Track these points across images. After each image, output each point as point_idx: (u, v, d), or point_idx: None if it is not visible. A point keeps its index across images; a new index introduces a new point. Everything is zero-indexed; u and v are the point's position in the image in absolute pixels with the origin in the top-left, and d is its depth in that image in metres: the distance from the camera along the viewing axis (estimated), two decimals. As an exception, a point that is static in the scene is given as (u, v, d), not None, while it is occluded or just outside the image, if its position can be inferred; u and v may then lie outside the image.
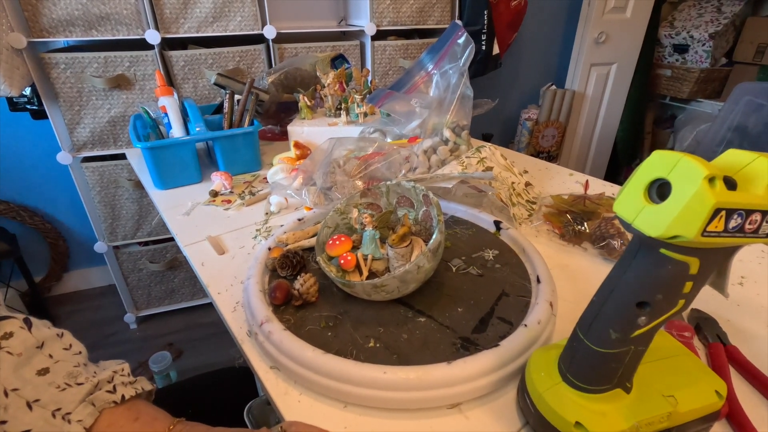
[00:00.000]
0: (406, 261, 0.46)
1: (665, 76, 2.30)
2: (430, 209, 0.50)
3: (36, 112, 1.33)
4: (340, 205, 0.50)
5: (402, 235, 0.46)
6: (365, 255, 0.47)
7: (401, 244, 0.46)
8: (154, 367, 1.35)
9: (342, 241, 0.47)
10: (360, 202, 0.51)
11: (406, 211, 0.52)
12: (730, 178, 0.24)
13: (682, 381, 0.33)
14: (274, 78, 1.06)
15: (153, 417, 0.35)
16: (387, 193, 0.52)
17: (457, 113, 0.72)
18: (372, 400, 0.37)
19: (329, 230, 0.50)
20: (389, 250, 0.47)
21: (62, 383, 0.33)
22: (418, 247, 0.47)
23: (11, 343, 0.32)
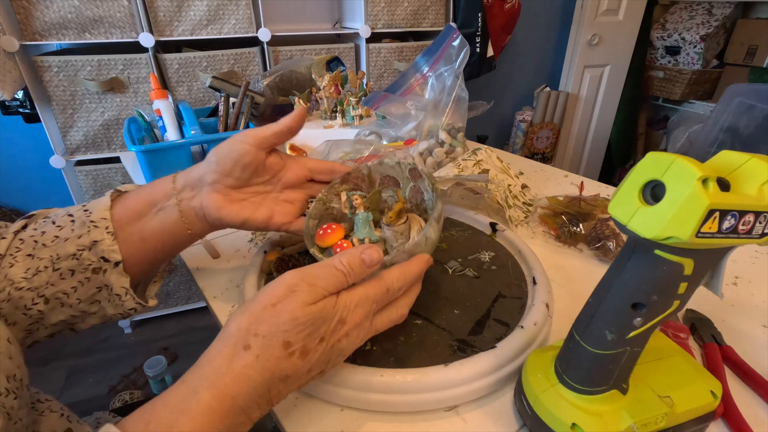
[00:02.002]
0: (406, 238, 0.43)
1: (658, 77, 2.32)
2: (420, 183, 0.46)
3: (28, 115, 1.32)
4: (321, 194, 0.46)
5: (399, 210, 0.42)
6: (361, 240, 0.43)
7: (398, 221, 0.43)
8: (149, 372, 1.34)
9: (333, 229, 0.43)
10: (341, 188, 0.47)
11: (393, 191, 0.48)
12: (724, 180, 0.24)
13: (678, 381, 0.34)
14: (270, 81, 1.06)
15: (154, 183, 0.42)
16: (368, 175, 0.48)
17: (452, 115, 0.72)
18: (369, 403, 0.37)
19: (315, 222, 0.46)
20: (386, 230, 0.43)
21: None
22: (416, 222, 0.44)
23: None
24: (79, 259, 0.37)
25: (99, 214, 0.38)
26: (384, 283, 0.33)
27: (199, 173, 0.41)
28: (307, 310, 0.29)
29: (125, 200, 0.40)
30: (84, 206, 0.40)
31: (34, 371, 1.48)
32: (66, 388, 1.42)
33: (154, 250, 0.41)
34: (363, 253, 0.32)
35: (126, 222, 0.39)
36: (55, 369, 1.48)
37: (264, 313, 0.29)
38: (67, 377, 1.46)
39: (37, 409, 0.39)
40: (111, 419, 0.49)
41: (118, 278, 0.39)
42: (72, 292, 0.38)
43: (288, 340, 0.29)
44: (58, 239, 0.37)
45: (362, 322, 0.33)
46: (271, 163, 0.43)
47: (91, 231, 0.38)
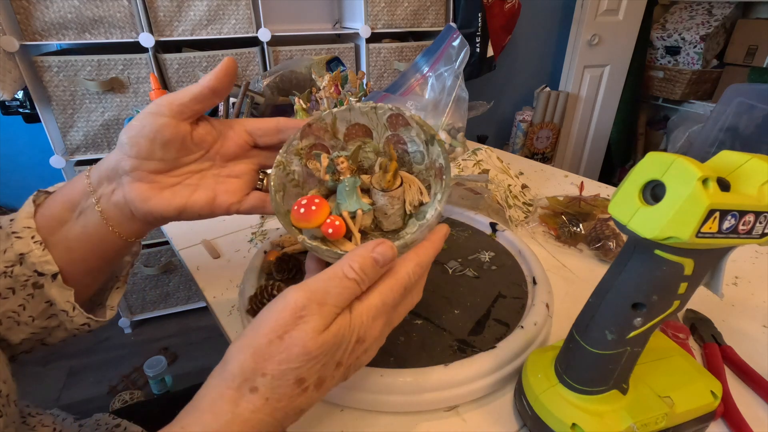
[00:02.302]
0: (402, 203, 0.36)
1: (658, 77, 2.32)
2: (403, 132, 0.37)
3: (28, 115, 1.32)
4: (280, 157, 0.36)
5: (395, 171, 0.35)
6: (352, 212, 0.34)
7: (395, 185, 0.35)
8: (149, 372, 1.34)
9: (318, 203, 0.33)
10: (302, 146, 0.37)
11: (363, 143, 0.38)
12: (724, 180, 0.24)
13: (678, 381, 0.34)
14: (270, 81, 1.06)
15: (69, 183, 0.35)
16: (333, 124, 0.37)
17: (452, 115, 0.72)
18: (369, 404, 0.37)
19: (281, 194, 0.35)
20: (378, 196, 0.35)
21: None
22: (411, 183, 0.36)
23: None
24: (12, 276, 0.33)
25: (21, 222, 0.33)
26: (401, 283, 0.29)
27: (112, 161, 0.33)
28: (320, 340, 0.25)
29: (46, 206, 0.34)
30: (13, 214, 0.35)
31: (34, 371, 1.48)
32: (66, 388, 1.42)
33: (85, 260, 0.35)
34: (374, 252, 0.28)
35: (50, 231, 0.34)
36: (55, 369, 1.48)
37: (271, 349, 0.25)
38: (67, 377, 1.46)
39: (28, 423, 0.37)
40: (111, 421, 0.49)
41: (60, 292, 0.34)
42: (21, 311, 0.34)
43: (301, 377, 0.25)
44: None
45: (383, 331, 0.30)
46: (200, 135, 0.35)
47: (14, 243, 0.32)
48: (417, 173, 0.37)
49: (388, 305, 0.29)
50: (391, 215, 0.36)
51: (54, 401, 1.37)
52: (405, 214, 0.36)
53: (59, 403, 1.36)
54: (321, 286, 0.26)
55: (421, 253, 0.30)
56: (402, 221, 0.36)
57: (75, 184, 0.35)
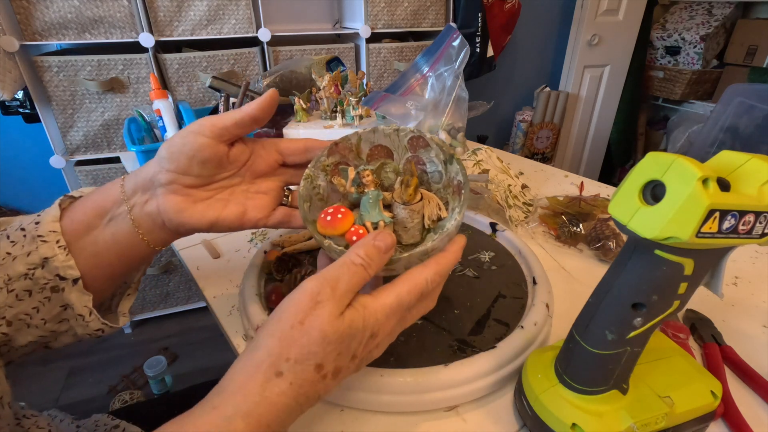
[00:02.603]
0: (421, 217, 0.38)
1: (658, 77, 2.32)
2: (422, 154, 0.39)
3: (28, 115, 1.32)
4: (308, 170, 0.39)
5: (416, 186, 0.37)
6: (374, 223, 0.36)
7: (416, 199, 0.37)
8: (149, 372, 1.34)
9: (343, 213, 0.36)
10: (328, 162, 0.40)
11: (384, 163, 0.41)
12: (724, 180, 0.24)
13: (678, 381, 0.34)
14: (270, 81, 1.06)
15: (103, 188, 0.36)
16: (358, 144, 0.41)
17: (452, 115, 0.72)
18: (369, 404, 0.37)
19: (308, 204, 0.39)
20: (399, 209, 0.37)
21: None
22: (430, 199, 0.38)
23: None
24: (32, 278, 0.33)
25: (47, 226, 0.34)
26: (418, 288, 0.31)
27: (150, 173, 0.35)
28: (336, 326, 0.27)
29: (73, 210, 0.35)
30: (37, 216, 0.35)
31: (33, 371, 1.48)
32: (66, 388, 1.42)
33: (110, 266, 0.36)
34: (376, 240, 0.31)
35: (76, 236, 0.35)
36: (55, 369, 1.48)
37: (293, 333, 0.27)
38: (67, 377, 1.46)
39: (23, 425, 0.37)
40: (110, 422, 0.49)
41: (79, 297, 0.35)
42: (35, 313, 0.35)
43: (320, 363, 0.27)
44: (9, 257, 0.33)
45: (394, 329, 0.32)
46: (235, 154, 0.37)
47: (39, 247, 0.33)
48: (435, 191, 0.39)
49: (402, 306, 0.31)
50: (411, 228, 0.38)
51: (54, 401, 1.37)
52: (423, 228, 0.38)
53: (59, 403, 1.36)
54: (332, 273, 0.29)
55: (441, 262, 0.32)
56: (420, 235, 0.38)
57: (107, 191, 0.36)
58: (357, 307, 0.29)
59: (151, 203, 0.35)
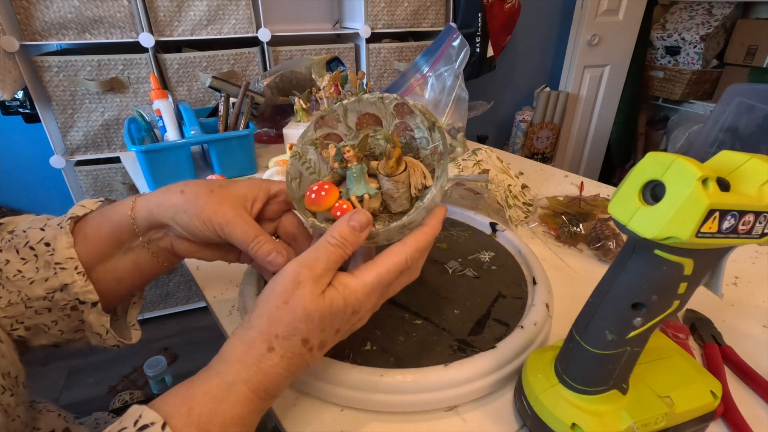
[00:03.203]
0: (407, 187, 0.38)
1: (658, 77, 2.32)
2: (409, 120, 0.39)
3: (28, 115, 1.32)
4: (296, 147, 0.39)
5: (398, 157, 0.37)
6: (359, 197, 0.37)
7: (399, 170, 0.37)
8: (149, 372, 1.34)
9: (327, 189, 0.36)
10: (316, 136, 0.40)
11: (374, 131, 0.41)
12: (724, 180, 0.24)
13: (678, 381, 0.34)
14: (270, 81, 1.06)
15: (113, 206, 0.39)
16: (345, 115, 0.41)
17: (452, 115, 0.72)
18: (369, 403, 0.37)
19: (297, 181, 0.39)
20: (384, 181, 0.37)
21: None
22: (415, 167, 0.38)
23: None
24: (52, 300, 0.36)
25: (63, 254, 0.35)
26: (397, 267, 0.33)
27: (163, 220, 0.37)
28: (318, 304, 0.30)
29: (86, 238, 0.37)
30: (43, 232, 0.36)
31: (33, 371, 1.48)
32: (66, 388, 1.42)
33: (132, 286, 0.40)
34: (350, 220, 0.32)
35: (93, 263, 0.37)
36: (55, 369, 1.48)
37: (278, 312, 0.30)
38: (67, 377, 1.46)
39: (35, 407, 0.39)
40: (111, 420, 0.49)
41: (98, 318, 0.38)
42: (53, 325, 0.37)
43: (305, 338, 0.30)
44: (20, 275, 0.35)
45: (376, 303, 0.34)
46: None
47: (58, 273, 0.35)
48: (423, 158, 0.40)
49: (383, 284, 0.33)
50: (398, 198, 0.38)
51: (54, 401, 1.36)
52: (411, 197, 0.38)
53: (59, 403, 1.36)
54: (311, 254, 0.31)
55: (420, 238, 0.34)
56: (409, 204, 0.38)
57: (119, 222, 0.37)
58: (337, 286, 0.31)
59: (165, 240, 0.39)
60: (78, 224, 0.37)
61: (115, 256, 0.38)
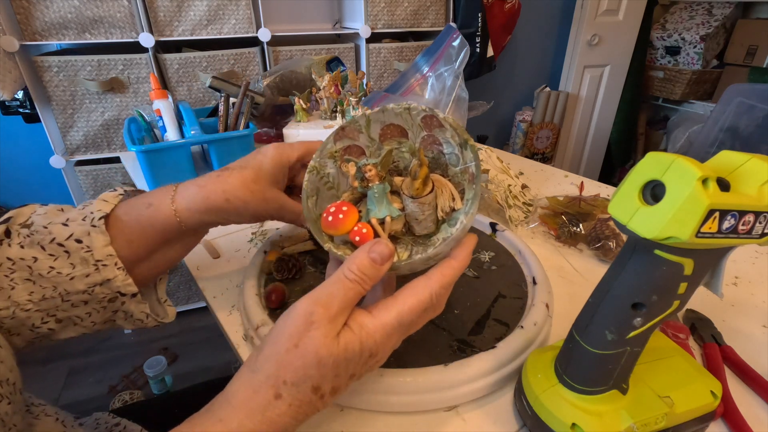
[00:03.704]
0: (433, 209, 0.35)
1: (658, 77, 2.32)
2: (438, 133, 0.36)
3: (28, 115, 1.32)
4: (313, 161, 0.37)
5: (425, 177, 0.33)
6: (381, 219, 0.34)
7: (425, 191, 0.34)
8: (149, 372, 1.34)
9: (345, 211, 0.33)
10: (336, 148, 0.37)
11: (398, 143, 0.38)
12: (724, 180, 0.24)
13: (678, 381, 0.34)
14: (270, 81, 1.06)
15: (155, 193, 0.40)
16: (367, 126, 0.37)
17: (452, 115, 0.72)
18: (369, 403, 0.37)
19: (313, 199, 0.37)
20: (408, 202, 0.34)
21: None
22: (444, 187, 0.35)
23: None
24: (91, 294, 0.37)
25: (102, 252, 0.36)
26: (421, 305, 0.30)
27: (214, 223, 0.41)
28: (332, 349, 0.27)
29: (128, 242, 0.38)
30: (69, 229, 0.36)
31: (33, 371, 1.48)
32: (66, 388, 1.42)
33: (177, 261, 0.43)
34: (371, 252, 0.29)
35: (139, 259, 0.39)
36: (55, 369, 1.48)
37: (288, 356, 0.27)
38: (67, 377, 1.46)
39: (32, 412, 0.38)
40: (111, 420, 0.49)
41: (138, 306, 0.39)
42: (86, 317, 0.38)
43: (316, 385, 0.28)
44: (55, 272, 0.35)
45: (396, 343, 0.31)
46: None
47: (100, 270, 0.36)
48: (452, 175, 0.36)
49: (404, 325, 0.30)
50: (423, 221, 0.35)
51: (54, 401, 1.37)
52: (437, 219, 0.35)
53: (59, 403, 1.36)
54: (325, 291, 0.29)
55: (446, 273, 0.31)
56: (435, 226, 0.35)
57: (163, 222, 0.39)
58: (353, 327, 0.29)
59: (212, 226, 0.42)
60: (113, 224, 0.38)
61: (163, 249, 0.40)
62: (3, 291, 0.34)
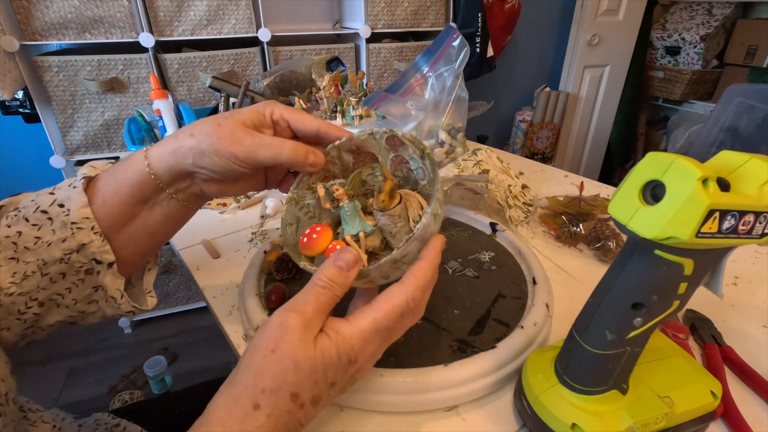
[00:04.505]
0: (405, 220, 0.37)
1: (658, 77, 2.32)
2: (402, 151, 0.39)
3: (28, 115, 1.32)
4: (291, 193, 0.39)
5: (390, 190, 0.36)
6: (354, 236, 0.36)
7: (393, 203, 0.36)
8: (149, 372, 1.34)
9: (319, 231, 0.35)
10: (312, 180, 0.40)
11: (372, 168, 0.41)
12: (724, 180, 0.24)
13: (678, 381, 0.34)
14: (270, 81, 1.06)
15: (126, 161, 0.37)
16: (339, 156, 0.40)
17: (452, 115, 0.72)
18: (369, 403, 0.37)
19: (293, 227, 0.39)
20: (379, 217, 0.36)
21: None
22: (412, 198, 0.37)
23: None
24: (68, 262, 0.35)
25: (78, 213, 0.35)
26: (397, 310, 0.30)
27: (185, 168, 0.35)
28: (308, 354, 0.27)
29: (105, 203, 0.36)
30: (53, 196, 0.36)
31: (33, 371, 1.48)
32: (66, 388, 1.42)
33: (165, 237, 0.40)
34: (336, 260, 0.31)
35: (119, 225, 0.36)
36: (54, 369, 1.48)
37: (265, 363, 0.27)
38: (67, 377, 1.46)
39: (29, 419, 0.38)
40: (110, 420, 0.49)
41: (113, 280, 0.37)
42: (67, 293, 0.36)
43: (295, 392, 0.27)
44: (40, 241, 0.34)
45: (377, 351, 0.31)
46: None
47: (75, 233, 0.35)
48: (421, 188, 0.39)
49: (381, 330, 0.30)
50: (396, 233, 0.36)
51: (54, 401, 1.37)
52: (411, 231, 0.36)
53: (59, 403, 1.36)
54: (299, 298, 0.30)
55: (419, 275, 0.31)
56: None
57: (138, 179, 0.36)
58: (330, 333, 0.29)
59: (194, 187, 0.37)
60: (92, 187, 0.36)
61: (141, 214, 0.37)
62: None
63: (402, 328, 0.32)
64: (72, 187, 0.36)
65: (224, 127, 0.35)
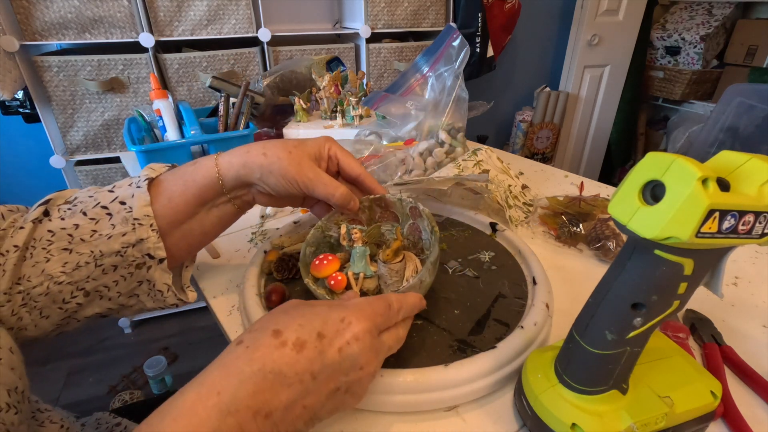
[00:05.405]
0: (400, 277, 0.43)
1: (658, 77, 2.32)
2: (419, 222, 0.46)
3: (28, 115, 1.32)
4: (321, 222, 0.46)
5: (396, 249, 0.43)
6: (356, 274, 0.43)
7: (395, 260, 0.43)
8: (149, 372, 1.34)
9: (329, 260, 0.43)
10: (341, 218, 0.47)
11: (392, 226, 0.49)
12: (724, 180, 0.24)
13: (678, 381, 0.34)
14: (270, 81, 1.06)
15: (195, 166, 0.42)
16: (370, 207, 0.48)
17: (452, 115, 0.72)
18: (368, 403, 0.37)
19: (312, 249, 0.46)
20: (381, 266, 0.44)
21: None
22: (411, 261, 0.45)
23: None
24: (123, 255, 0.38)
25: (141, 210, 0.38)
26: (386, 300, 0.34)
27: (250, 180, 0.41)
28: (298, 304, 0.31)
29: (171, 201, 0.40)
30: (113, 194, 0.39)
31: (33, 371, 1.48)
32: (66, 388, 1.42)
33: (212, 237, 0.45)
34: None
35: (178, 223, 0.40)
36: (55, 369, 1.48)
37: (261, 318, 0.31)
38: (67, 377, 1.46)
39: (37, 419, 0.38)
40: (111, 419, 0.49)
41: (162, 275, 0.40)
42: (113, 286, 0.39)
43: (277, 329, 0.28)
44: (97, 234, 0.37)
45: (369, 330, 0.31)
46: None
47: (136, 229, 0.38)
48: (424, 256, 0.46)
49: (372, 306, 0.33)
50: (390, 285, 0.43)
51: (54, 401, 1.37)
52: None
53: (59, 403, 1.36)
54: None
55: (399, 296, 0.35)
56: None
57: (204, 181, 0.41)
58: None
59: (249, 195, 0.44)
60: (155, 186, 0.40)
61: (199, 214, 0.42)
62: (38, 266, 0.35)
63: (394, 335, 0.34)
64: (135, 186, 0.39)
65: (294, 156, 0.41)
